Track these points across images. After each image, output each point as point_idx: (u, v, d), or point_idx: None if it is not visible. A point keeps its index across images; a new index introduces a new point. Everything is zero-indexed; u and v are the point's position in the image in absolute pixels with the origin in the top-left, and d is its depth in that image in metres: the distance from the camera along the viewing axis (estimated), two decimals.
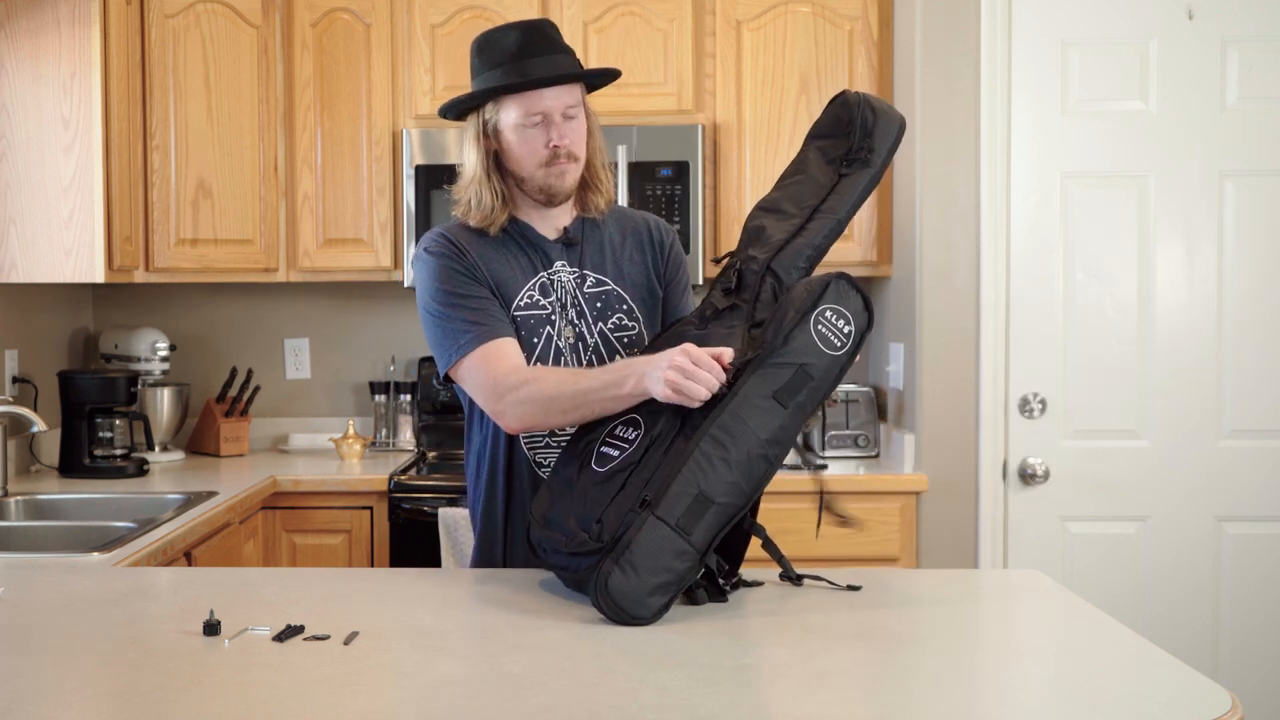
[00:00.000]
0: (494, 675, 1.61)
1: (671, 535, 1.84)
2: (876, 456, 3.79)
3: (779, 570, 2.03)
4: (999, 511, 3.53)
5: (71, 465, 3.58)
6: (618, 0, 3.75)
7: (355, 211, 3.81)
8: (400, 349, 4.17)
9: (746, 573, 2.06)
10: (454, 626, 1.85)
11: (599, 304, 2.23)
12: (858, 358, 1.95)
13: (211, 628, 1.77)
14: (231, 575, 2.32)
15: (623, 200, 3.64)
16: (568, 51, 2.18)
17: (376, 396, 4.08)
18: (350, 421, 3.95)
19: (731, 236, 3.73)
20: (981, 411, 3.51)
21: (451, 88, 3.74)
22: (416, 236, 3.71)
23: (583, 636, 1.77)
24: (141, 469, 3.59)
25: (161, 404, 3.90)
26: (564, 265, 2.23)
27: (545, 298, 2.20)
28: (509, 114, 2.16)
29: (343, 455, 3.85)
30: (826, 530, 2.13)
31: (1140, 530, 3.52)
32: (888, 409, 3.86)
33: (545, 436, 2.20)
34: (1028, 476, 3.52)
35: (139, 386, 3.77)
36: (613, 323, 2.22)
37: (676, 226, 3.60)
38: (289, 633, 1.76)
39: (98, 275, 3.37)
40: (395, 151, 3.79)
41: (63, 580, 2.16)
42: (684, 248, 2.86)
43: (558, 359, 2.18)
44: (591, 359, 2.20)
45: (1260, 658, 3.50)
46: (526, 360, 2.15)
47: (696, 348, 1.91)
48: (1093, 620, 1.92)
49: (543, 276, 2.21)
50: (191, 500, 3.11)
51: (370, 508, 3.51)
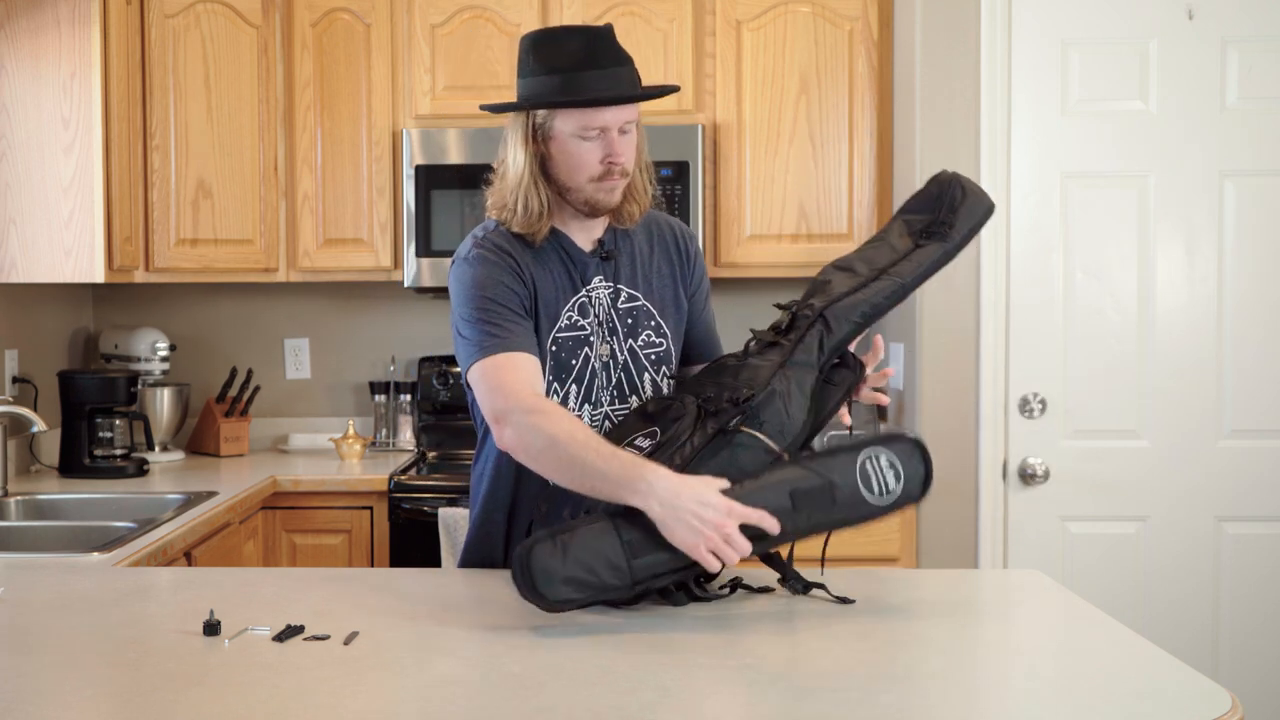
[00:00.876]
0: (494, 675, 1.61)
1: (617, 547, 1.83)
2: None
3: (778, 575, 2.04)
4: (999, 511, 3.53)
5: (71, 465, 3.58)
6: (618, 0, 3.75)
7: (355, 211, 3.81)
8: (400, 349, 4.17)
9: (752, 578, 2.06)
10: (454, 626, 1.85)
11: (630, 320, 2.19)
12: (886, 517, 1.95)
13: (211, 628, 1.77)
14: (231, 575, 2.33)
15: None
16: (629, 62, 2.11)
17: (376, 396, 4.08)
18: (350, 421, 3.95)
19: (732, 237, 3.74)
20: (981, 411, 3.51)
21: (452, 87, 3.75)
22: (416, 236, 3.71)
23: (583, 636, 1.77)
24: (141, 469, 3.59)
25: (161, 404, 3.90)
26: (600, 280, 2.18)
27: (584, 318, 2.16)
28: (565, 123, 2.08)
29: (343, 455, 3.85)
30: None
31: (1140, 530, 3.52)
32: (888, 409, 3.86)
33: None
34: (1028, 476, 3.52)
35: (139, 386, 3.77)
36: (642, 339, 2.20)
37: None
38: (289, 633, 1.76)
39: (98, 275, 3.37)
40: (395, 151, 3.79)
41: (63, 580, 2.17)
42: None
43: (593, 378, 2.16)
44: (620, 376, 2.17)
45: (1260, 658, 3.50)
46: (563, 381, 2.13)
47: (741, 509, 1.84)
48: (1093, 620, 1.92)
49: (582, 296, 2.17)
50: (191, 500, 3.11)
51: (370, 508, 3.51)
